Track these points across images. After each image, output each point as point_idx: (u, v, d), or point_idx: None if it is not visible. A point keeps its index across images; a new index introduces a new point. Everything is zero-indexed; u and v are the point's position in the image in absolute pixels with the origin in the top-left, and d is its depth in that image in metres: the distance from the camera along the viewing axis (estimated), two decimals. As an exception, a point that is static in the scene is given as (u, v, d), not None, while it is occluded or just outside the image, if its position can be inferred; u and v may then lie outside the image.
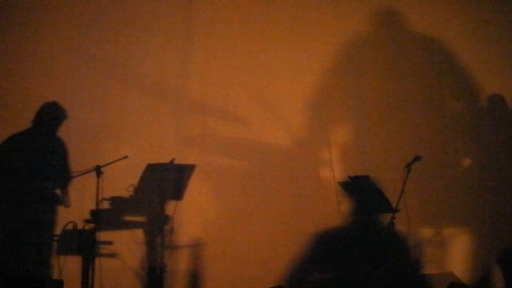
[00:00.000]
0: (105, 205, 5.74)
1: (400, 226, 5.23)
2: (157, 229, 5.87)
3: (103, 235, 5.67)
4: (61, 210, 5.76)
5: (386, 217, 5.07)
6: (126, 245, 5.89)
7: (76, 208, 5.83)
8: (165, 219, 5.89)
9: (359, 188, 4.67)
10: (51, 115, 5.85)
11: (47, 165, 5.73)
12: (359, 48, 7.14)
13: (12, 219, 5.55)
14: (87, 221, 5.64)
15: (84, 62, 6.88)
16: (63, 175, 5.80)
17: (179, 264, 6.14)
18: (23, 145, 5.74)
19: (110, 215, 5.77)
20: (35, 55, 6.81)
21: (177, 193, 5.95)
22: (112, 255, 5.73)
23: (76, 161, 5.88)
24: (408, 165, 5.44)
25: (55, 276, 5.51)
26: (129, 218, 5.90)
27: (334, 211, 6.26)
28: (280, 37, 7.09)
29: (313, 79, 7.12)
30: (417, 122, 6.99)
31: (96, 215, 5.58)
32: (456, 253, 6.77)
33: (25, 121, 5.85)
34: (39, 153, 5.73)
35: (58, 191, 5.77)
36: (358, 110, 7.07)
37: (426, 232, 6.80)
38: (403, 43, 7.14)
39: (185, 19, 7.07)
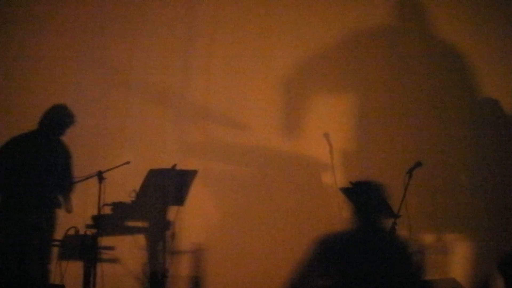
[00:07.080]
0: (107, 210, 5.73)
1: (402, 231, 5.24)
2: (159, 235, 5.86)
3: (105, 241, 5.67)
4: (63, 215, 5.75)
5: (387, 223, 5.08)
6: (128, 251, 5.89)
7: (78, 213, 5.82)
8: (167, 224, 5.88)
9: (360, 193, 4.65)
10: (59, 119, 5.76)
11: (50, 170, 5.69)
12: (361, 55, 7.15)
13: (14, 224, 5.54)
14: (89, 226, 5.64)
15: (87, 68, 6.91)
16: (66, 181, 5.76)
17: (180, 270, 6.13)
18: (25, 148, 5.68)
19: (112, 220, 5.77)
20: (38, 60, 6.83)
21: (179, 199, 5.94)
22: (113, 261, 5.73)
23: (78, 166, 5.86)
24: (410, 171, 5.46)
25: (57, 281, 5.50)
26: (131, 223, 5.89)
27: (336, 216, 6.27)
28: (283, 43, 7.11)
29: (315, 84, 7.13)
30: (418, 128, 7.00)
31: (98, 221, 5.57)
32: (457, 259, 6.77)
33: (26, 125, 5.82)
34: (42, 157, 5.68)
35: (60, 196, 5.76)
36: (360, 115, 7.08)
37: (428, 238, 6.81)
38: (405, 49, 7.15)
39: (188, 25, 7.09)
